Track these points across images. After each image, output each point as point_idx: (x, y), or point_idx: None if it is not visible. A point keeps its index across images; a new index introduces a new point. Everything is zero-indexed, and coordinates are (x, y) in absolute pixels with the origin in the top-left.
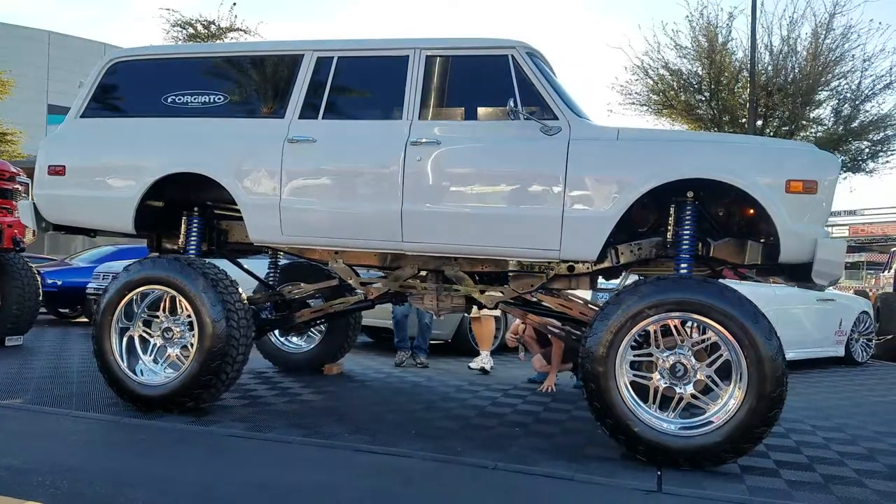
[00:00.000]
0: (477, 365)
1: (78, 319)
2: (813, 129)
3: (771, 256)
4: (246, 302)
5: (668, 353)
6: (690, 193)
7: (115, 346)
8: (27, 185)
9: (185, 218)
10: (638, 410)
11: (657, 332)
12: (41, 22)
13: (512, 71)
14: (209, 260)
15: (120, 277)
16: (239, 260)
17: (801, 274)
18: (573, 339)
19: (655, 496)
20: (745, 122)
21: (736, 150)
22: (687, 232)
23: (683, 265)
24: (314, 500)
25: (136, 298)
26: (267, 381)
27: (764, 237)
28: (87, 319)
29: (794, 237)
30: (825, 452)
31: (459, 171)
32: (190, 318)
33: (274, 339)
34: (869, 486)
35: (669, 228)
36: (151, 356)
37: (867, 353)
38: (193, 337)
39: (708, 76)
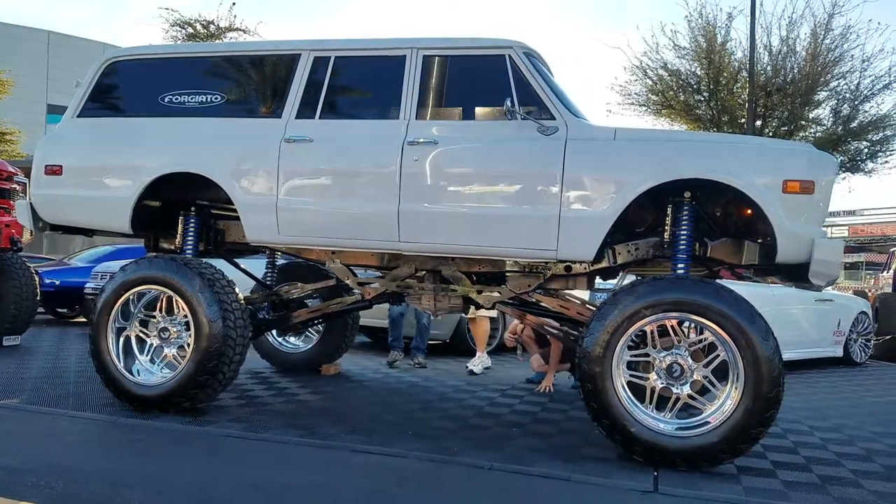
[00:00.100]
0: (470, 365)
1: (76, 319)
2: (812, 129)
3: (768, 257)
4: (242, 302)
5: (664, 353)
6: (687, 194)
7: (111, 346)
8: (25, 184)
9: (181, 218)
10: (634, 411)
11: (654, 332)
12: (41, 22)
13: (509, 71)
14: (206, 260)
15: (116, 277)
16: (236, 260)
17: (798, 274)
18: (570, 339)
19: (652, 497)
20: (744, 122)
21: (733, 150)
22: (684, 232)
23: (680, 265)
24: (310, 500)
25: (132, 298)
26: (264, 381)
27: (761, 237)
28: (85, 319)
29: (790, 237)
30: (822, 453)
31: (456, 170)
32: (186, 318)
33: (271, 339)
34: (865, 486)
35: (667, 228)
36: (148, 356)
37: (865, 353)
38: (190, 337)
39: (707, 76)
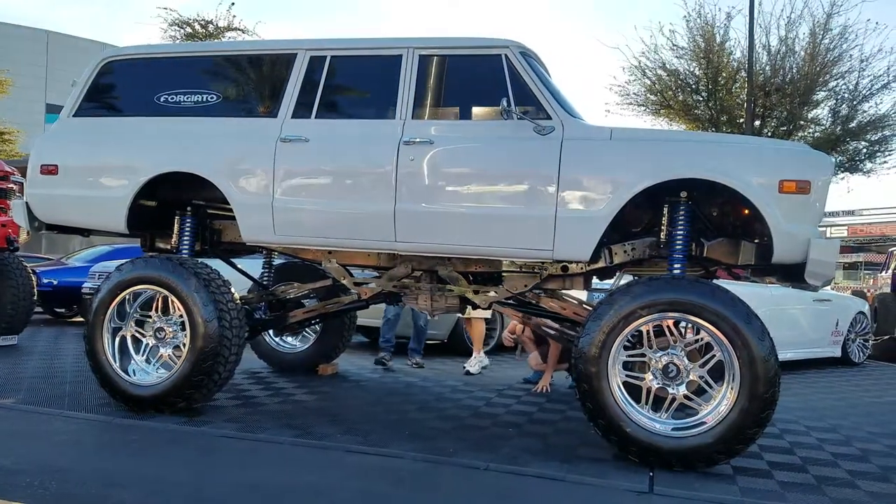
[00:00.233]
0: (466, 366)
1: (73, 319)
2: (811, 129)
3: (765, 257)
4: (238, 302)
5: (660, 353)
6: (684, 193)
7: (107, 346)
8: (22, 184)
9: (178, 218)
10: (630, 411)
11: (650, 332)
12: (40, 21)
13: (505, 70)
14: (202, 260)
15: (112, 277)
16: (233, 259)
17: (794, 274)
18: (567, 339)
19: (647, 497)
20: (742, 122)
21: (729, 150)
22: (680, 232)
23: (677, 265)
24: (305, 500)
25: (128, 298)
26: (261, 381)
27: (758, 237)
28: (82, 319)
29: (787, 237)
30: (819, 453)
31: (452, 170)
32: (182, 318)
33: (268, 339)
34: (861, 487)
35: (663, 228)
36: (144, 356)
37: (864, 353)
38: (185, 337)
39: (705, 76)
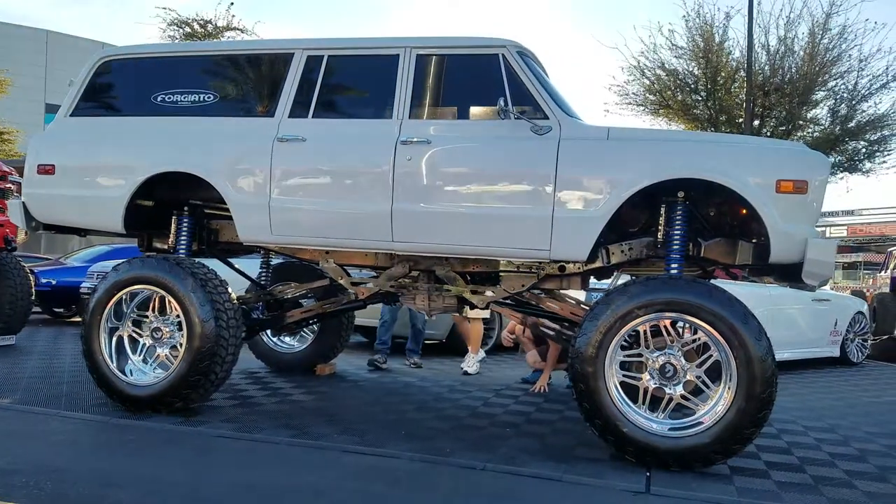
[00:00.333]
0: (464, 367)
1: (72, 319)
2: (810, 129)
3: (762, 256)
4: (235, 302)
5: (657, 353)
6: (681, 193)
7: (104, 346)
8: (20, 184)
9: (175, 217)
10: (627, 411)
11: (647, 332)
12: (40, 21)
13: (502, 70)
14: (199, 259)
15: (109, 277)
16: (231, 259)
17: (791, 274)
18: (564, 339)
19: (643, 497)
20: (741, 122)
21: (726, 150)
22: (677, 232)
23: (674, 265)
24: (302, 500)
25: (125, 298)
26: (258, 381)
27: (755, 237)
28: (81, 319)
29: (784, 237)
30: (816, 453)
31: (449, 170)
32: (179, 317)
33: (266, 339)
34: (858, 487)
35: (660, 228)
36: (141, 356)
37: (862, 353)
38: (182, 337)
39: (704, 76)
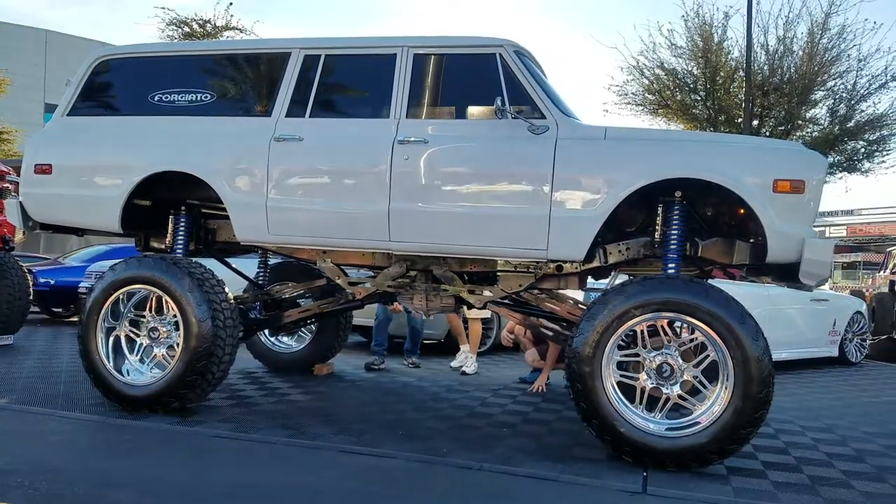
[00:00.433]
0: (457, 363)
1: (71, 319)
2: (809, 128)
3: (759, 256)
4: (232, 301)
5: (654, 353)
6: (678, 193)
7: (101, 345)
8: (18, 183)
9: (172, 217)
10: (624, 411)
11: (644, 332)
12: (39, 21)
13: (500, 70)
14: (196, 259)
15: (106, 277)
16: (228, 259)
17: (789, 274)
18: (563, 339)
19: (640, 497)
20: (740, 121)
21: (723, 149)
22: (675, 232)
23: (671, 265)
24: (299, 500)
25: (122, 298)
26: (255, 381)
27: (752, 237)
28: (78, 319)
29: (781, 237)
30: (813, 453)
31: (447, 170)
32: (176, 317)
33: (264, 338)
34: (855, 487)
35: (657, 228)
36: (138, 356)
37: (861, 353)
38: (179, 336)
39: (703, 76)
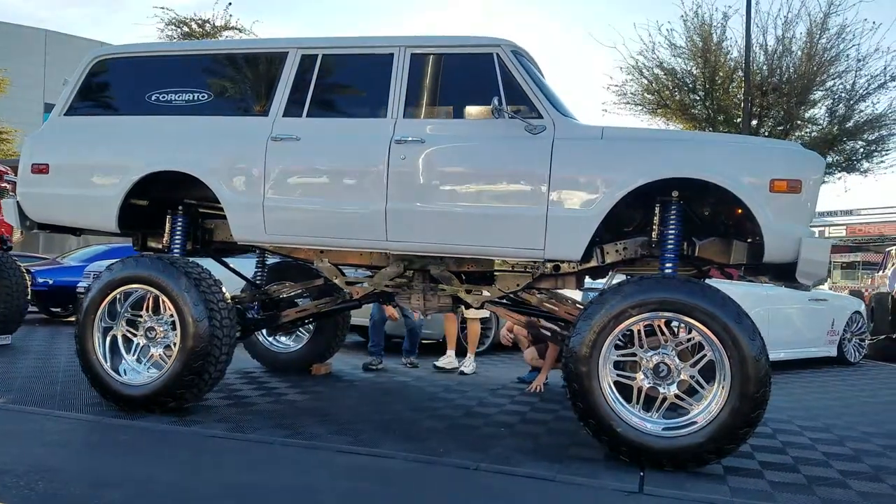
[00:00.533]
0: (441, 364)
1: (69, 318)
2: (808, 128)
3: (756, 256)
4: (229, 301)
5: (651, 353)
6: (675, 193)
7: (97, 345)
8: (16, 183)
9: (169, 217)
10: (621, 411)
11: (641, 331)
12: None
13: (497, 69)
14: (194, 259)
15: (103, 276)
16: (226, 259)
17: (786, 273)
18: (560, 339)
19: (636, 497)
20: (739, 121)
21: (720, 149)
22: (672, 231)
23: (668, 265)
24: (295, 500)
25: (119, 297)
26: (253, 381)
27: (749, 237)
28: (75, 318)
29: (778, 236)
30: (811, 453)
31: (443, 169)
32: (172, 317)
33: (262, 338)
34: (852, 487)
35: (654, 228)
36: (135, 356)
37: (860, 353)
38: (176, 336)
39: (703, 75)
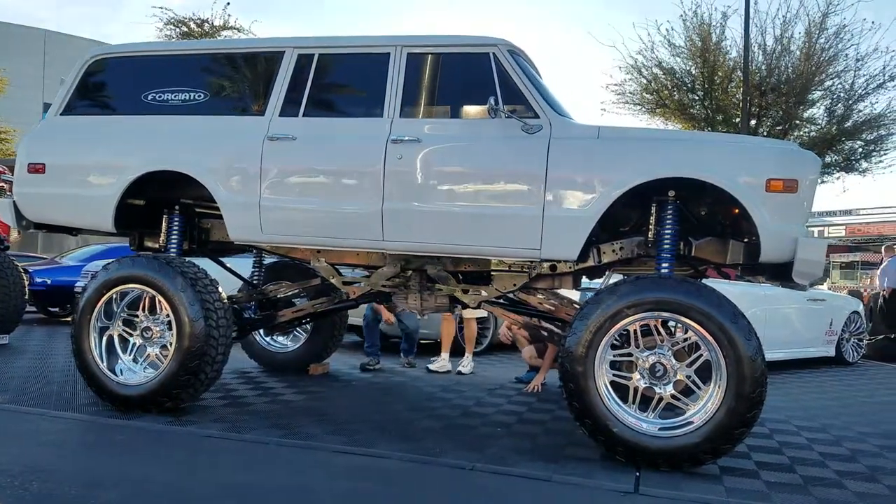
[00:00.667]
0: (434, 367)
1: (67, 318)
2: (806, 128)
3: (753, 256)
4: (226, 301)
5: (648, 353)
6: (672, 193)
7: (94, 345)
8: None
9: (165, 216)
10: (617, 411)
11: (637, 331)
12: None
13: (493, 69)
14: (190, 259)
15: (99, 276)
16: (223, 258)
17: (782, 273)
18: (556, 339)
19: (632, 497)
20: (738, 121)
21: (717, 149)
22: (668, 231)
23: (664, 265)
24: (292, 500)
25: (115, 297)
26: (249, 381)
27: (746, 236)
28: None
29: (774, 236)
30: (808, 453)
31: (440, 169)
32: (169, 317)
33: (259, 338)
34: (848, 487)
35: (651, 228)
36: (131, 355)
37: (858, 353)
38: (172, 336)
39: (701, 75)
